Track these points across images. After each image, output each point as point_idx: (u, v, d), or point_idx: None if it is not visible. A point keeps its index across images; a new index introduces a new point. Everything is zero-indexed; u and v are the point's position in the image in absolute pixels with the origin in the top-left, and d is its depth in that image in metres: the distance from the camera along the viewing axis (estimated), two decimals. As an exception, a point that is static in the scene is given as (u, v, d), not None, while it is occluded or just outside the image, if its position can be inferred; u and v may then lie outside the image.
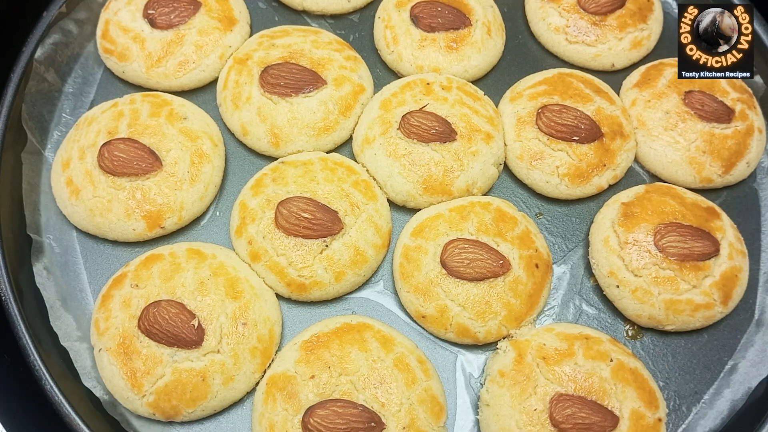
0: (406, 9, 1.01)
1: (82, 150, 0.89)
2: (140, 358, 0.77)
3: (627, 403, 0.76)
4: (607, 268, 0.86)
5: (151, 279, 0.81)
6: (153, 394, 0.77)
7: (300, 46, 0.96)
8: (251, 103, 0.93)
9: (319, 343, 0.78)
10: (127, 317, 0.79)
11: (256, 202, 0.86)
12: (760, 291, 0.90)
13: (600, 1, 1.02)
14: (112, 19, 0.99)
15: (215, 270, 0.82)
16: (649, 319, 0.84)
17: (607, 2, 1.02)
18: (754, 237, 0.93)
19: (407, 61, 1.00)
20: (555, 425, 0.74)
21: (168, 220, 0.87)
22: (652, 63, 1.03)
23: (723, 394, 0.84)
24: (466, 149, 0.90)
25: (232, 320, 0.79)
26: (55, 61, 0.98)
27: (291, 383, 0.76)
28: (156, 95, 0.95)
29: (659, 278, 0.83)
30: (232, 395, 0.79)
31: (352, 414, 0.73)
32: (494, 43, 1.02)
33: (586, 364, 0.78)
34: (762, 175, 0.98)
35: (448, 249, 0.83)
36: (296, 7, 1.06)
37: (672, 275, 0.83)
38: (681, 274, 0.83)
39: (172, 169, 0.88)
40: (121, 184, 0.86)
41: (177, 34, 0.97)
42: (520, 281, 0.83)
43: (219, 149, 0.93)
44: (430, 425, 0.76)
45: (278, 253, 0.83)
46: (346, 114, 0.94)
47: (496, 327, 0.82)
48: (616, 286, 0.85)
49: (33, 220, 0.89)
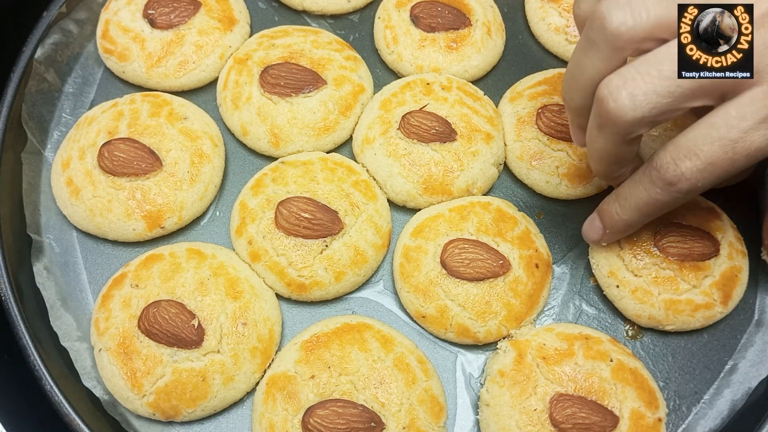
0: (406, 9, 1.01)
1: (82, 150, 0.89)
2: (140, 358, 0.77)
3: (627, 403, 0.76)
4: (607, 268, 0.86)
5: (151, 279, 0.81)
6: (153, 394, 0.77)
7: (300, 46, 0.96)
8: (251, 103, 0.93)
9: (319, 343, 0.78)
10: (127, 317, 0.79)
11: (256, 202, 0.86)
12: (760, 291, 0.90)
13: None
14: (112, 19, 0.99)
15: (215, 270, 0.82)
16: (649, 319, 0.84)
17: (607, 2, 1.02)
18: (754, 237, 0.93)
19: (407, 61, 1.00)
20: (555, 425, 0.74)
21: (168, 220, 0.87)
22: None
23: (723, 394, 0.84)
24: (466, 149, 0.90)
25: (232, 320, 0.79)
26: (55, 61, 0.98)
27: (291, 383, 0.76)
28: (156, 95, 0.95)
29: (659, 278, 0.83)
30: (232, 395, 0.79)
31: (352, 414, 0.73)
32: (494, 43, 1.02)
33: (586, 364, 0.78)
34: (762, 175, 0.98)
35: (448, 249, 0.83)
36: (296, 7, 1.06)
37: (672, 275, 0.83)
38: (681, 274, 0.83)
39: (172, 169, 0.88)
40: (121, 184, 0.86)
41: (177, 34, 0.97)
42: (520, 281, 0.83)
43: (219, 149, 0.93)
44: (430, 425, 0.76)
45: (278, 253, 0.83)
46: (346, 114, 0.94)
47: (496, 327, 0.82)
48: (616, 286, 0.85)
49: (33, 220, 0.89)
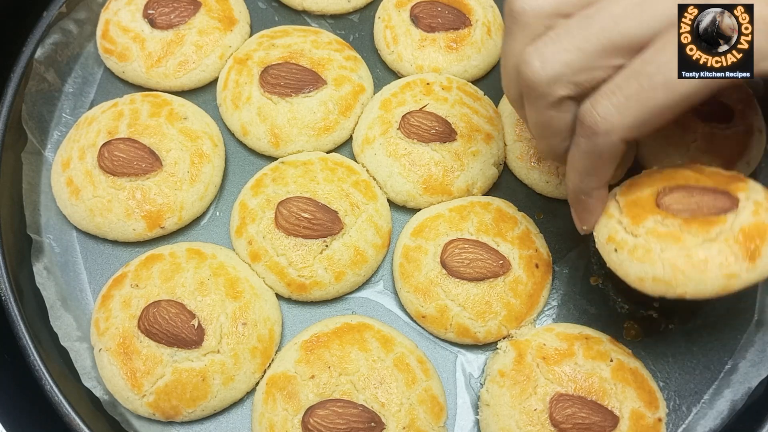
0: (406, 9, 1.01)
1: (82, 150, 0.89)
2: (140, 358, 0.77)
3: (627, 403, 0.76)
4: (606, 234, 0.75)
5: (151, 279, 0.81)
6: (153, 394, 0.77)
7: (300, 46, 0.96)
8: (251, 103, 0.93)
9: (319, 343, 0.78)
10: (127, 317, 0.79)
11: (256, 202, 0.86)
12: (760, 291, 0.90)
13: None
14: (112, 19, 0.99)
15: (215, 270, 0.82)
16: (654, 281, 0.70)
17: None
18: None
19: (407, 61, 1.00)
20: (555, 425, 0.74)
21: (168, 220, 0.87)
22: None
23: (723, 394, 0.84)
24: (466, 149, 0.90)
25: (232, 320, 0.79)
26: (55, 61, 0.98)
27: (291, 383, 0.76)
28: (156, 95, 0.95)
29: (661, 234, 0.70)
30: (232, 395, 0.79)
31: (352, 414, 0.73)
32: (494, 43, 1.02)
33: (586, 364, 0.78)
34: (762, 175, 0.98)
35: (448, 249, 0.83)
36: (296, 7, 1.06)
37: (676, 231, 0.69)
38: (688, 228, 0.69)
39: (172, 169, 0.88)
40: (121, 184, 0.86)
41: (177, 34, 0.97)
42: (520, 281, 0.83)
43: (219, 149, 0.93)
44: (430, 425, 0.76)
45: (278, 253, 0.83)
46: (346, 114, 0.94)
47: (496, 327, 0.82)
48: (614, 251, 0.73)
49: (33, 220, 0.89)
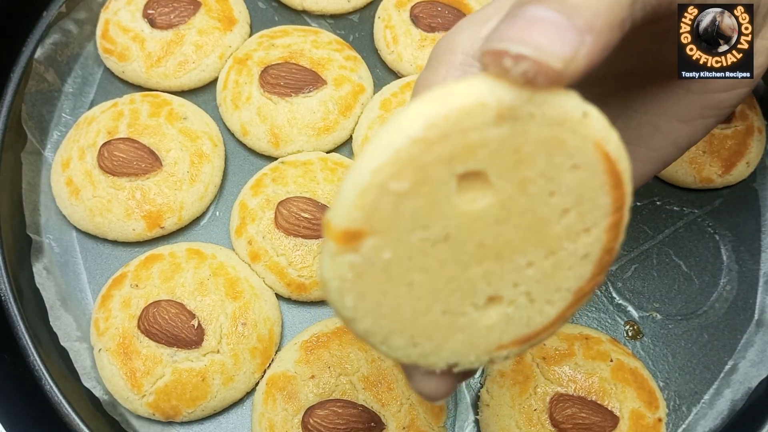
0: (406, 9, 1.01)
1: (82, 150, 0.89)
2: (140, 358, 0.77)
3: (627, 403, 0.76)
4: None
5: (151, 279, 0.81)
6: (153, 394, 0.77)
7: (300, 46, 0.96)
8: (251, 103, 0.93)
9: (319, 343, 0.78)
10: (127, 317, 0.79)
11: (256, 202, 0.86)
12: (760, 291, 0.90)
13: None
14: (112, 19, 0.99)
15: (215, 270, 0.82)
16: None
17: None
18: (754, 237, 0.93)
19: (407, 61, 1.00)
20: (555, 425, 0.74)
21: (168, 220, 0.87)
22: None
23: (723, 394, 0.84)
24: (466, 149, 0.90)
25: (232, 320, 0.79)
26: (55, 61, 0.98)
27: (291, 383, 0.76)
28: (156, 95, 0.95)
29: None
30: (232, 395, 0.79)
31: (352, 414, 0.73)
32: (494, 43, 1.02)
33: (586, 364, 0.77)
34: (762, 175, 0.98)
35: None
36: (296, 7, 1.06)
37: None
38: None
39: (172, 169, 0.88)
40: (120, 184, 0.86)
41: (177, 34, 0.97)
42: (520, 281, 0.83)
43: (219, 149, 0.93)
44: (430, 425, 0.76)
45: (278, 253, 0.83)
46: (346, 114, 0.94)
47: (496, 327, 0.82)
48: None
49: (33, 220, 0.89)
